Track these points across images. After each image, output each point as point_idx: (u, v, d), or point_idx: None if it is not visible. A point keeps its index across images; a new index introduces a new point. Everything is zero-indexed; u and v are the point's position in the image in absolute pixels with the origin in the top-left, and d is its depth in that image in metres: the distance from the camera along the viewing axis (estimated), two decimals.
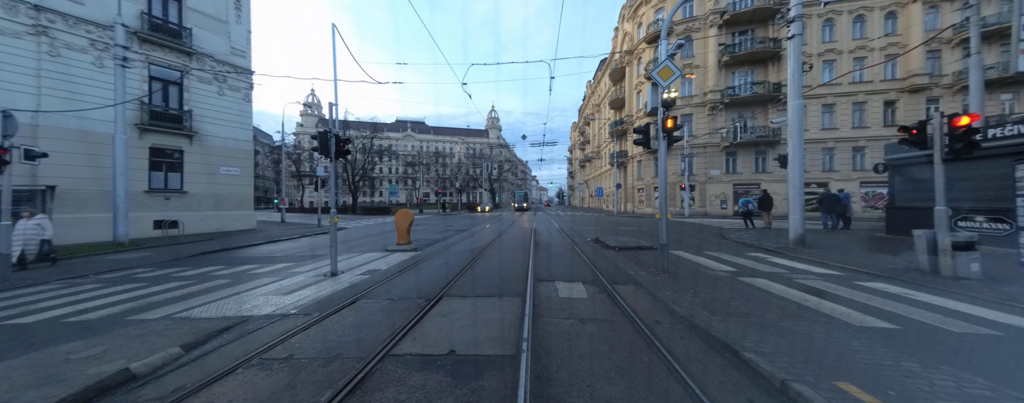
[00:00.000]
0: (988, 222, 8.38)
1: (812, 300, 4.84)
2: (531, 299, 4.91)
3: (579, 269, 7.26)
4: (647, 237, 12.89)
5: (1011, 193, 6.55)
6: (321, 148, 6.79)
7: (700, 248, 9.95)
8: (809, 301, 4.81)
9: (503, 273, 6.91)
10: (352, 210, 44.12)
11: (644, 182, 34.03)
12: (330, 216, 7.10)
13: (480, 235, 14.51)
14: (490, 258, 8.77)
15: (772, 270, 6.94)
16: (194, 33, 16.56)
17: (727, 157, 29.76)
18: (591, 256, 8.70)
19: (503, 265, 7.77)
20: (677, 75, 6.61)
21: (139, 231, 14.41)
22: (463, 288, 5.77)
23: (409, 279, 6.57)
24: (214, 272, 7.71)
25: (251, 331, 4.00)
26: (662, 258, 6.80)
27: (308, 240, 14.35)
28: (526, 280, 6.10)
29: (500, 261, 8.30)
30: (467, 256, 9.03)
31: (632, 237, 12.41)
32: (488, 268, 7.47)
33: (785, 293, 5.25)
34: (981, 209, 8.52)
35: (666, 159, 7.12)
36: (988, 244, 7.18)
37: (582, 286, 5.79)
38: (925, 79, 26.48)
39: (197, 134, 16.60)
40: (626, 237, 12.24)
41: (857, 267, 6.95)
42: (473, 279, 6.43)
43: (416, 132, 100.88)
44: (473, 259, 8.45)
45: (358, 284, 6.23)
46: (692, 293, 5.23)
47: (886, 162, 10.50)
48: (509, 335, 3.72)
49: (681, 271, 6.91)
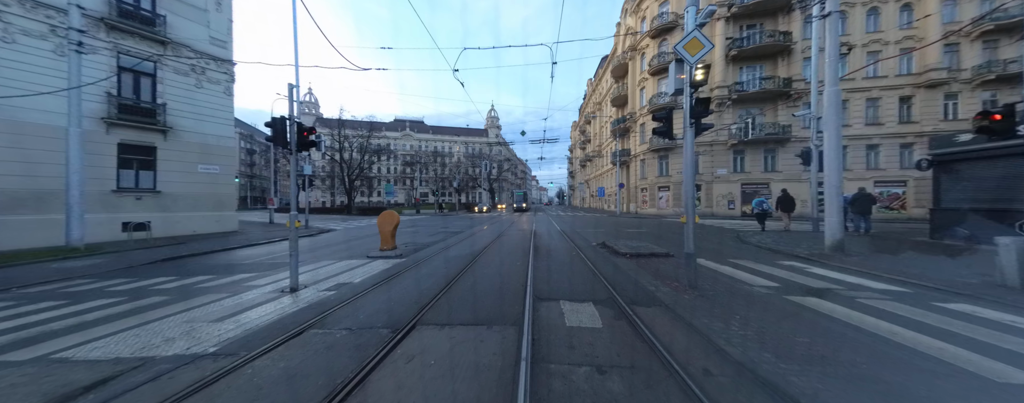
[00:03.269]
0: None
1: (903, 334, 3.67)
2: (529, 330, 3.75)
3: (587, 283, 6.09)
4: (658, 241, 11.72)
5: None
6: (275, 138, 5.62)
7: (722, 254, 8.78)
8: (899, 335, 3.64)
9: (496, 288, 5.74)
10: (348, 210, 42.96)
11: (648, 181, 32.84)
12: (290, 218, 5.93)
13: (475, 238, 13.35)
14: (483, 267, 7.60)
15: (822, 285, 5.77)
16: (169, 20, 15.39)
17: (734, 156, 28.60)
18: (599, 265, 7.53)
19: (497, 277, 6.60)
20: (708, 48, 5.44)
21: (105, 234, 13.26)
22: (445, 311, 4.61)
23: (381, 297, 5.40)
24: (158, 285, 6.54)
25: (134, 386, 2.82)
26: (688, 270, 5.64)
27: (288, 244, 13.17)
28: (524, 299, 4.94)
29: (494, 271, 7.13)
30: (457, 265, 7.86)
31: (642, 241, 11.24)
32: (479, 281, 6.30)
33: (858, 321, 4.08)
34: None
35: (692, 152, 5.95)
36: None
37: (593, 308, 4.62)
38: (943, 74, 25.31)
39: (172, 129, 15.42)
40: (636, 241, 11.08)
41: (921, 281, 5.78)
42: (459, 297, 5.27)
43: (415, 131, 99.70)
44: (463, 269, 7.28)
45: (317, 304, 5.05)
46: (739, 321, 4.06)
47: (931, 157, 9.33)
48: (497, 399, 2.55)
49: (712, 286, 5.74)
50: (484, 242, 11.96)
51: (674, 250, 9.31)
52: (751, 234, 13.32)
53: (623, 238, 12.04)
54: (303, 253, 10.72)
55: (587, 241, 11.79)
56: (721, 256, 8.52)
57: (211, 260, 9.44)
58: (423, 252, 9.99)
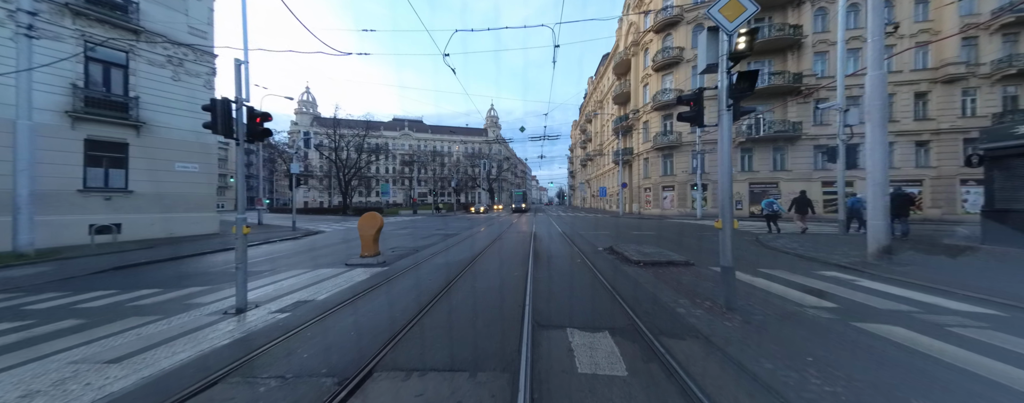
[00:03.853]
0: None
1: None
2: (527, 381, 2.67)
3: (600, 302, 5.01)
4: (670, 245, 10.65)
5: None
6: (217, 124, 4.54)
7: (749, 262, 7.70)
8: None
9: (486, 310, 4.67)
10: (343, 211, 41.87)
11: (651, 181, 31.76)
12: (236, 224, 4.84)
13: (469, 242, 12.29)
14: (474, 279, 6.52)
15: (889, 306, 4.69)
16: (142, 8, 14.33)
17: (742, 154, 27.52)
18: (611, 277, 6.45)
19: (488, 293, 5.52)
20: (751, 11, 4.37)
21: (71, 237, 12.23)
22: (416, 347, 3.53)
23: (342, 323, 4.32)
24: (85, 303, 5.47)
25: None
26: (726, 289, 4.56)
27: (267, 248, 12.10)
28: (521, 326, 3.88)
29: (486, 286, 6.05)
30: (443, 275, 6.78)
31: (653, 246, 10.16)
32: (467, 299, 5.22)
33: (977, 365, 2.99)
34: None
35: (728, 142, 4.87)
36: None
37: (611, 342, 3.54)
38: (961, 68, 24.24)
39: (146, 124, 14.35)
40: (647, 246, 9.99)
41: (1008, 300, 4.70)
42: (438, 324, 4.19)
43: (413, 131, 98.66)
44: (450, 282, 6.20)
45: (257, 334, 3.98)
46: (813, 366, 2.98)
47: (983, 152, 8.25)
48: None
49: (754, 307, 4.66)
50: (478, 247, 10.88)
51: (691, 257, 8.23)
52: (771, 238, 12.25)
53: (631, 242, 10.96)
54: (280, 258, 9.67)
55: (592, 246, 10.71)
56: (749, 264, 7.44)
57: (168, 269, 8.36)
58: (408, 259, 8.91)
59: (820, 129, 25.76)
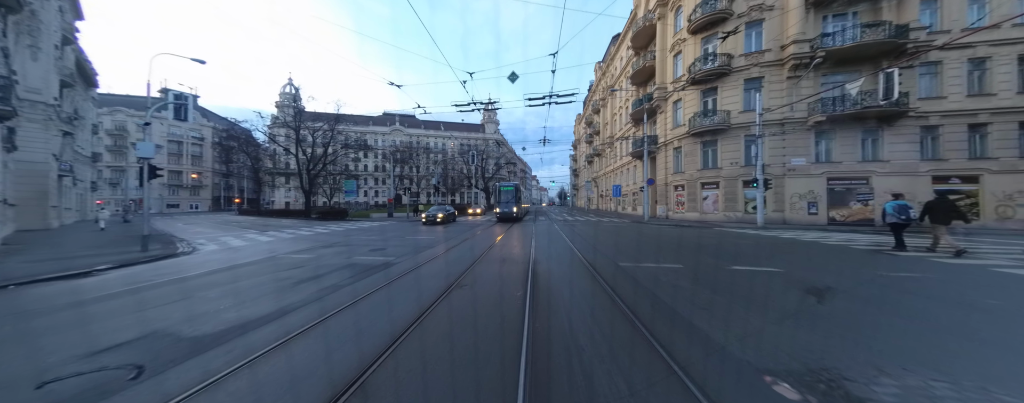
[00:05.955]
0: None
1: None
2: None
3: None
4: (847, 304, 3.63)
5: None
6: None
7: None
8: None
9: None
10: (306, 214, 34.82)
11: (685, 176, 24.69)
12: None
13: (405, 290, 5.35)
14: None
15: None
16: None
17: (817, 139, 20.44)
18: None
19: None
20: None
21: None
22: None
23: None
24: None
25: None
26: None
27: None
28: None
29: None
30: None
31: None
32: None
33: None
34: None
35: None
36: None
37: None
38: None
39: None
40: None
41: None
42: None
43: (405, 126, 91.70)
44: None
45: None
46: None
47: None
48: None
49: None
50: (406, 315, 3.89)
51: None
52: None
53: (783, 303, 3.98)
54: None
55: (684, 313, 3.76)
56: None
57: None
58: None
59: (934, 104, 18.70)
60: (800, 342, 3.54)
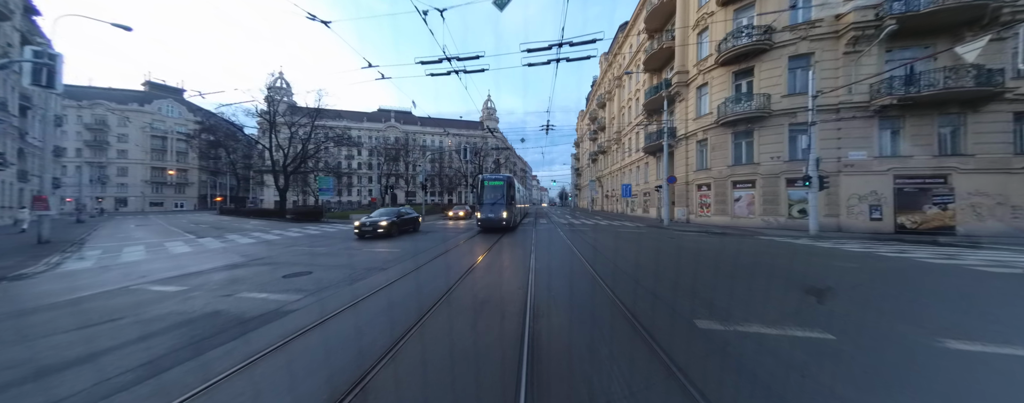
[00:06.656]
0: None
1: None
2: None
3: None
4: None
5: None
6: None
7: None
8: None
9: None
10: (281, 214, 31.22)
11: (712, 174, 21.04)
12: None
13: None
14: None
15: None
16: None
17: (881, 128, 16.77)
18: None
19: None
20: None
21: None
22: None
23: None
24: None
25: None
26: None
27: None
28: None
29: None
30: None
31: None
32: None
33: None
34: None
35: None
36: None
37: None
38: None
39: None
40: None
41: None
42: None
43: (400, 123, 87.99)
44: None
45: None
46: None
47: None
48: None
49: None
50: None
51: None
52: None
53: None
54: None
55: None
56: None
57: None
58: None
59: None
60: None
